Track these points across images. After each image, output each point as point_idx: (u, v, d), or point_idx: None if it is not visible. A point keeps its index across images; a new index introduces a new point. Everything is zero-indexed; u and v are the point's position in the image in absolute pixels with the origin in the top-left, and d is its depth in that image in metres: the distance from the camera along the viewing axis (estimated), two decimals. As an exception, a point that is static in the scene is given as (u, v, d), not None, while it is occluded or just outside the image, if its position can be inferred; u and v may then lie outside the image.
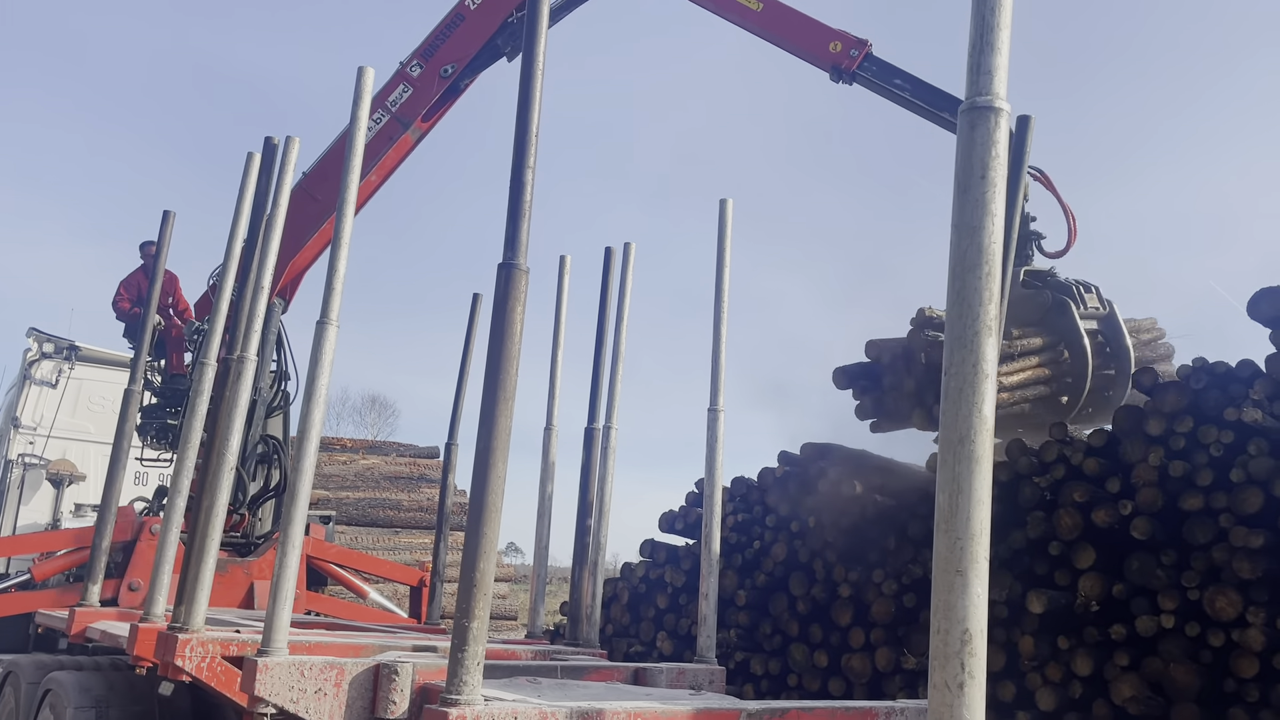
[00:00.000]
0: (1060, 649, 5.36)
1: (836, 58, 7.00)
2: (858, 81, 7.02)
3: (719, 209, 5.43)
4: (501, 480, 2.98)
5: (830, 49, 7.03)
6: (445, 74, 8.08)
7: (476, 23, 8.11)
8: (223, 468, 4.35)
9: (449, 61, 8.09)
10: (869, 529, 6.70)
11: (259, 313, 4.48)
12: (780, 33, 7.28)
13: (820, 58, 7.10)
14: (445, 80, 8.08)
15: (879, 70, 6.92)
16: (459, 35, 8.12)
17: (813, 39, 7.13)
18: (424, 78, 8.11)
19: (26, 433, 9.61)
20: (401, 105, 8.11)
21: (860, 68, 6.95)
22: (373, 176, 8.13)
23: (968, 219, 1.78)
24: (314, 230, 8.06)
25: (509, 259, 3.07)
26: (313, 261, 8.34)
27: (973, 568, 1.67)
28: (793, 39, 7.23)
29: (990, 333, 1.73)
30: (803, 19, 7.20)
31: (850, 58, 6.96)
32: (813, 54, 7.14)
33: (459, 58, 8.10)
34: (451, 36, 8.13)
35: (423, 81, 8.11)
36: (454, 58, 8.10)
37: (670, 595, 8.09)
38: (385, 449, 18.07)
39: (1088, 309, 6.72)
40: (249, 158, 5.11)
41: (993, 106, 1.79)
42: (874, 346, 7.08)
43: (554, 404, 6.28)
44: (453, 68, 8.08)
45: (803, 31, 7.18)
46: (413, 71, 8.13)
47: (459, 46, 8.12)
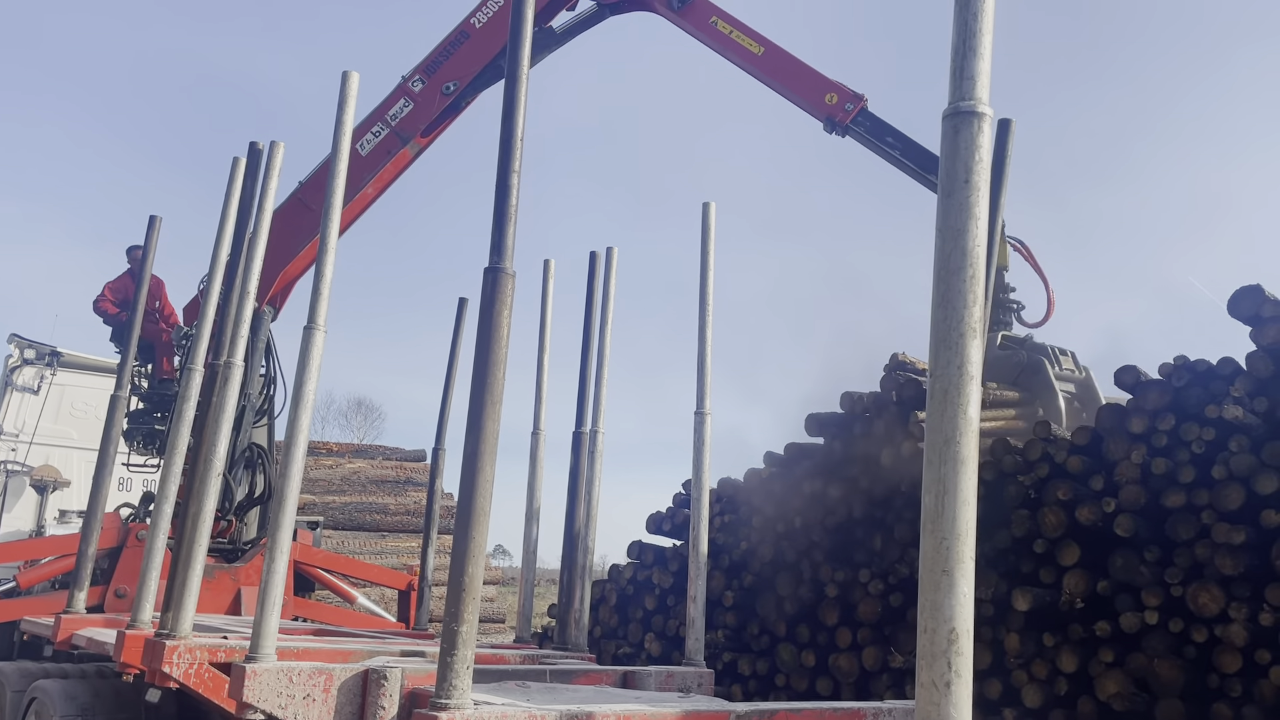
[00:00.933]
0: (1045, 646, 5.41)
1: (831, 110, 7.07)
2: (850, 135, 7.09)
3: (702, 212, 5.45)
4: (490, 484, 2.98)
5: (826, 100, 7.11)
6: (447, 91, 8.07)
7: (481, 42, 8.10)
8: (210, 474, 4.33)
9: (451, 79, 8.08)
10: (855, 529, 6.73)
11: (245, 318, 4.47)
12: (779, 79, 7.35)
13: (816, 107, 7.17)
14: (447, 98, 8.07)
15: (872, 127, 7.00)
16: (463, 53, 8.12)
17: (810, 88, 7.20)
18: (425, 93, 8.09)
19: (9, 439, 9.55)
20: (402, 120, 8.10)
21: (854, 122, 7.03)
22: (369, 190, 8.11)
23: (952, 222, 1.79)
24: (307, 240, 8.03)
25: (495, 263, 3.07)
26: (304, 271, 8.31)
27: (959, 567, 1.69)
28: (791, 86, 7.31)
29: (975, 335, 1.75)
30: (802, 67, 7.27)
31: (845, 111, 7.04)
32: (809, 103, 7.21)
33: (461, 75, 8.09)
34: (455, 54, 8.12)
35: (424, 97, 8.10)
36: (457, 75, 8.09)
37: (658, 597, 8.11)
38: (371, 453, 18.01)
39: (1063, 370, 6.89)
40: (234, 163, 5.10)
41: (975, 111, 1.81)
42: (848, 399, 7.31)
43: (541, 407, 6.29)
44: (455, 85, 8.07)
45: (801, 80, 7.25)
46: (414, 86, 8.12)
47: (462, 65, 8.11)
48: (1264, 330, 5.33)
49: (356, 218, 8.25)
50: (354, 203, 8.03)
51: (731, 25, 7.46)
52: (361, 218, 8.42)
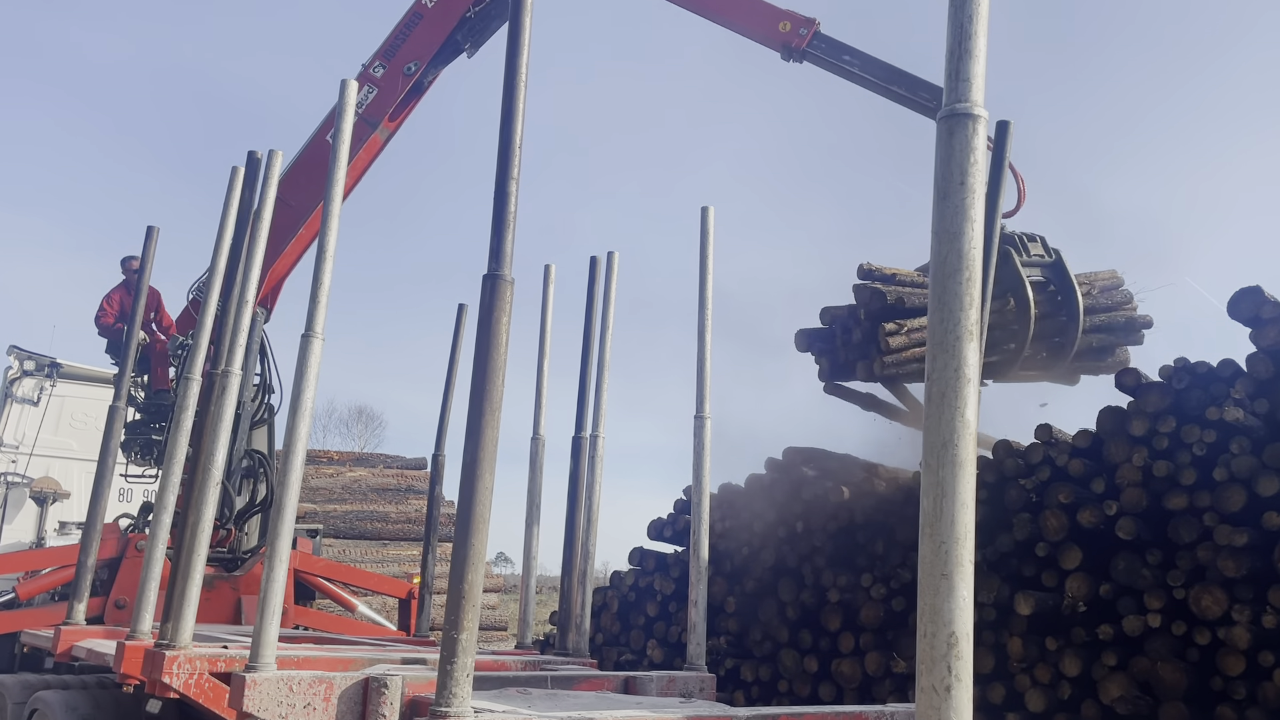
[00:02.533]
0: (1048, 650, 5.39)
1: (786, 37, 7.04)
2: (808, 59, 7.06)
3: (700, 216, 5.45)
4: (489, 491, 2.97)
5: (780, 29, 7.08)
6: (409, 72, 8.17)
7: (435, 20, 8.21)
8: (208, 483, 4.33)
9: (411, 59, 8.18)
10: (857, 533, 6.72)
11: (243, 327, 4.47)
12: (729, 15, 7.33)
13: (770, 37, 7.15)
14: (409, 78, 8.17)
15: (828, 47, 6.96)
16: (419, 33, 8.22)
17: (761, 19, 7.17)
18: (388, 77, 8.19)
19: (9, 451, 9.53)
20: (368, 106, 8.18)
21: (810, 45, 6.99)
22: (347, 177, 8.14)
23: (947, 225, 1.79)
24: (290, 236, 8.07)
25: (494, 270, 3.07)
26: (291, 268, 8.34)
27: (958, 571, 1.68)
28: (741, 20, 7.28)
29: (971, 337, 1.74)
30: (751, 0, 7.25)
31: (799, 36, 7.02)
32: (762, 34, 7.18)
33: (420, 55, 8.18)
34: (411, 35, 8.22)
35: (387, 81, 8.19)
36: (416, 55, 8.18)
37: (660, 603, 8.09)
38: (372, 461, 18.01)
39: (1030, 257, 6.81)
40: (233, 172, 5.10)
41: (971, 114, 1.81)
42: (827, 312, 7.25)
43: (541, 413, 6.28)
44: (415, 65, 8.16)
45: (752, 13, 7.23)
46: (376, 72, 8.22)
47: (420, 44, 8.20)
48: (1264, 332, 5.33)
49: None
50: None
51: None
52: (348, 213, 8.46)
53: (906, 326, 6.71)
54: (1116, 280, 7.35)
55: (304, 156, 8.25)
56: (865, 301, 6.74)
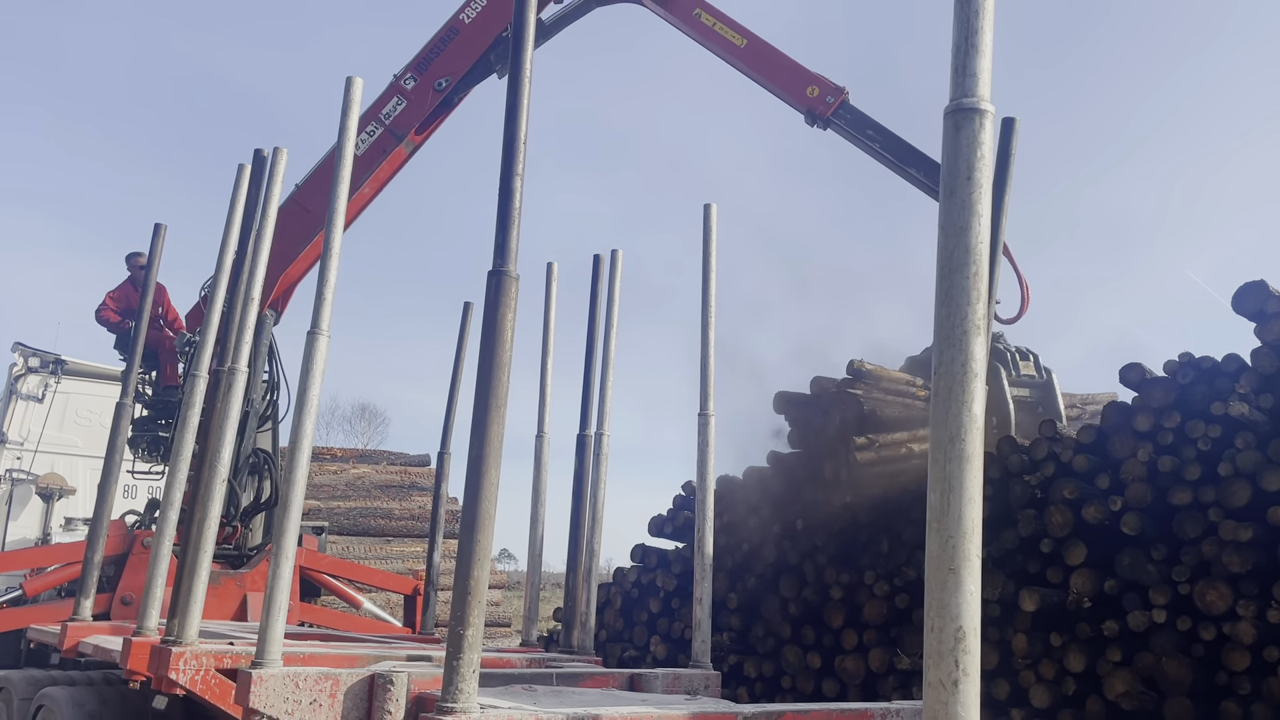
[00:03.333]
0: (1053, 646, 5.39)
1: (813, 102, 7.06)
2: (831, 128, 7.09)
3: (703, 214, 5.45)
4: (494, 487, 2.98)
5: (808, 93, 7.10)
6: (439, 87, 8.09)
7: (470, 37, 8.14)
8: (214, 480, 4.34)
9: (443, 75, 8.10)
10: (860, 531, 6.72)
11: (250, 324, 4.47)
12: (761, 71, 7.35)
13: (797, 100, 7.17)
14: (439, 94, 8.09)
15: (853, 119, 6.99)
16: (453, 49, 8.14)
17: (792, 80, 7.19)
18: (418, 90, 8.12)
19: (14, 448, 9.55)
20: (395, 118, 8.12)
21: (835, 114, 7.01)
22: (366, 189, 8.12)
23: (954, 220, 1.79)
24: (306, 242, 8.05)
25: (499, 266, 3.07)
26: (305, 273, 8.32)
27: (965, 565, 1.68)
28: (773, 78, 7.30)
29: (979, 332, 1.74)
30: (784, 60, 7.26)
31: (826, 104, 7.03)
32: (790, 95, 7.21)
33: (453, 71, 8.11)
34: (446, 50, 8.14)
35: (417, 94, 8.12)
36: (448, 71, 8.11)
37: (663, 600, 8.10)
38: (376, 458, 18.02)
39: (1020, 375, 6.90)
40: (239, 170, 5.11)
41: (978, 108, 1.81)
42: (817, 383, 7.28)
43: (545, 411, 6.28)
44: (446, 81, 8.09)
45: (783, 72, 7.25)
46: (407, 84, 8.14)
47: (453, 60, 8.12)
48: (1269, 326, 5.32)
49: (355, 217, 8.27)
50: (352, 202, 8.06)
51: (715, 17, 7.47)
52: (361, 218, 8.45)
53: (877, 442, 6.72)
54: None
55: (326, 164, 8.22)
56: (840, 406, 6.81)
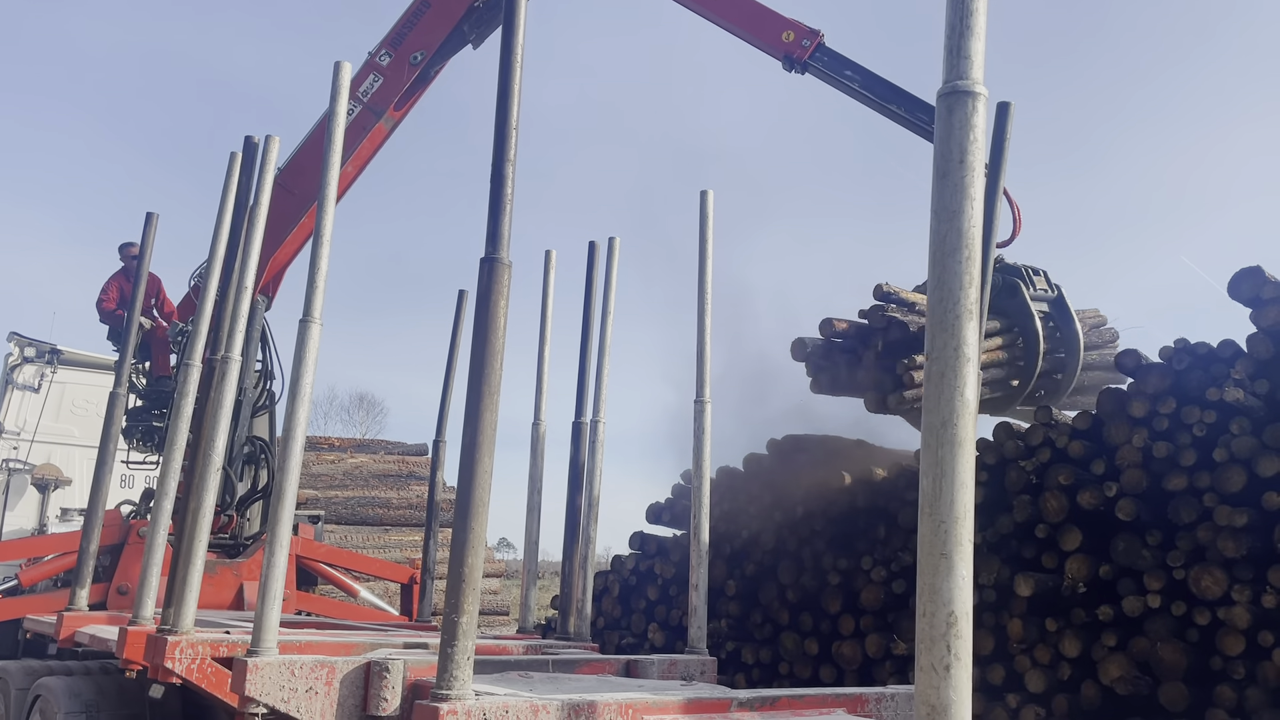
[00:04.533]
0: (1048, 631, 5.40)
1: (789, 47, 7.00)
2: (810, 71, 7.03)
3: (700, 201, 5.43)
4: (488, 475, 2.97)
5: (783, 38, 7.05)
6: (415, 61, 8.14)
7: (442, 9, 8.18)
8: (209, 469, 4.33)
9: (417, 49, 8.15)
10: (858, 518, 6.73)
11: (242, 313, 4.46)
12: (734, 20, 7.29)
13: (773, 46, 7.11)
14: (415, 68, 8.14)
15: (830, 61, 6.93)
16: (425, 22, 8.18)
17: (766, 27, 7.13)
18: (393, 66, 8.17)
19: (10, 438, 9.53)
20: (373, 95, 8.15)
21: (812, 57, 6.95)
22: (349, 168, 8.14)
23: (947, 203, 1.78)
24: (292, 225, 8.04)
25: (491, 253, 3.06)
26: (294, 257, 8.31)
27: (957, 550, 1.68)
28: (746, 26, 7.24)
29: (971, 316, 1.74)
30: (757, 7, 7.20)
31: (802, 47, 6.98)
32: (765, 42, 7.15)
33: (427, 45, 8.16)
34: (418, 24, 8.19)
35: (393, 70, 8.17)
36: (422, 45, 8.16)
37: (660, 587, 8.11)
38: (373, 447, 18.01)
39: (1037, 291, 6.77)
40: (231, 158, 5.09)
41: (971, 91, 1.79)
42: (829, 324, 7.03)
43: (541, 399, 6.28)
44: (421, 55, 8.14)
45: (756, 19, 7.19)
46: (382, 60, 8.19)
47: (426, 33, 8.17)
48: (1264, 312, 5.32)
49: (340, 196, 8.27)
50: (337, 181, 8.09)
51: None
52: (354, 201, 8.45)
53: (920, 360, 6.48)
54: (1100, 319, 7.35)
55: (307, 144, 8.21)
56: (883, 328, 6.55)
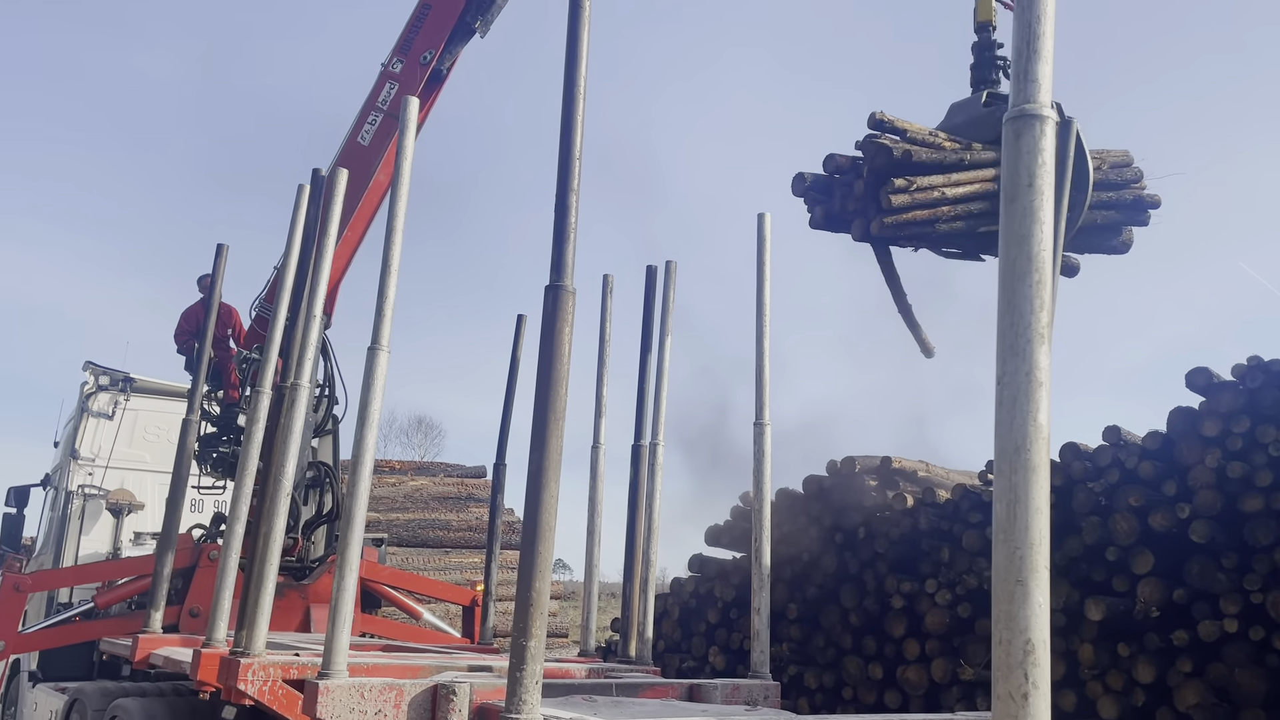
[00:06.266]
0: (1121, 656, 5.28)
1: None
2: None
3: (757, 223, 5.45)
4: (554, 500, 3.00)
5: None
6: (424, 61, 8.38)
7: (443, 7, 8.44)
8: (279, 494, 4.42)
9: (425, 49, 8.40)
10: (920, 540, 6.65)
11: (312, 340, 4.56)
12: None
13: None
14: (426, 67, 8.38)
15: None
16: (430, 23, 8.44)
17: None
18: (406, 71, 8.43)
19: (85, 464, 9.80)
20: (391, 102, 8.45)
21: None
22: (381, 175, 8.40)
23: (1016, 227, 1.78)
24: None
25: (555, 280, 3.10)
26: (344, 271, 8.49)
27: (1033, 577, 1.67)
28: None
29: (1043, 341, 1.73)
30: None
31: None
32: None
33: (434, 44, 8.41)
34: (423, 26, 8.45)
35: (406, 75, 8.43)
36: (429, 45, 8.41)
37: (721, 610, 8.07)
38: (433, 470, 18.22)
39: None
40: (299, 190, 5.22)
41: (1039, 114, 1.79)
42: (831, 160, 6.61)
43: (601, 421, 6.31)
44: (430, 54, 8.38)
45: None
46: (395, 68, 8.46)
47: (432, 34, 8.42)
48: (1342, 327, 5.17)
49: (377, 206, 8.53)
50: (370, 191, 8.32)
51: None
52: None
53: (915, 184, 6.07)
54: (1127, 159, 6.72)
55: (341, 158, 8.48)
56: (870, 156, 6.19)
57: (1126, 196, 6.41)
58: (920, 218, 5.98)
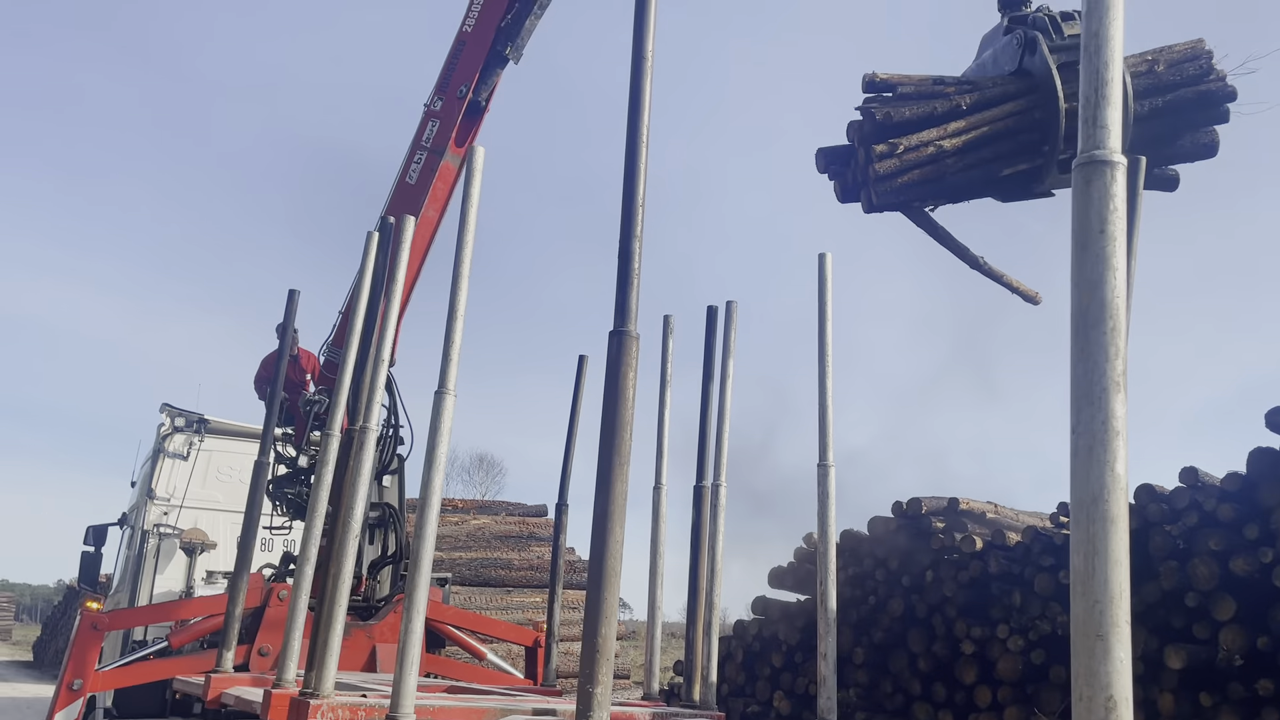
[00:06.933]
0: (1203, 706, 5.10)
1: None
2: None
3: (819, 264, 5.43)
4: (620, 544, 3.01)
5: None
6: (461, 94, 8.61)
7: (476, 40, 8.66)
8: (348, 535, 4.49)
9: (461, 83, 8.64)
10: (990, 584, 6.51)
11: (380, 384, 4.65)
12: None
13: None
14: (462, 100, 8.60)
15: None
16: (465, 58, 8.68)
17: None
18: (445, 107, 8.67)
19: (161, 503, 10.05)
20: (434, 138, 8.67)
21: None
22: (430, 211, 8.61)
23: (1088, 274, 1.76)
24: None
25: (619, 325, 3.13)
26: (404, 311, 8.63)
27: (1114, 632, 1.63)
28: None
29: (1119, 389, 1.70)
30: None
31: None
32: None
33: (469, 76, 8.64)
34: (459, 63, 8.70)
35: (445, 111, 8.67)
36: (465, 79, 8.64)
37: (785, 653, 7.97)
38: (495, 509, 18.33)
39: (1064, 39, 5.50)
40: (368, 237, 5.35)
41: (1109, 160, 1.78)
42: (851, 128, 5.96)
43: (662, 462, 6.30)
44: (466, 87, 8.61)
45: None
46: (435, 106, 8.71)
47: (467, 69, 8.66)
48: None
49: (429, 243, 8.74)
50: (420, 226, 8.48)
51: None
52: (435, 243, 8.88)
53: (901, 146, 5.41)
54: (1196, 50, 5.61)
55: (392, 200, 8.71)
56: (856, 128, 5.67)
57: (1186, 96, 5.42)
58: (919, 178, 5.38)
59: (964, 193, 5.48)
